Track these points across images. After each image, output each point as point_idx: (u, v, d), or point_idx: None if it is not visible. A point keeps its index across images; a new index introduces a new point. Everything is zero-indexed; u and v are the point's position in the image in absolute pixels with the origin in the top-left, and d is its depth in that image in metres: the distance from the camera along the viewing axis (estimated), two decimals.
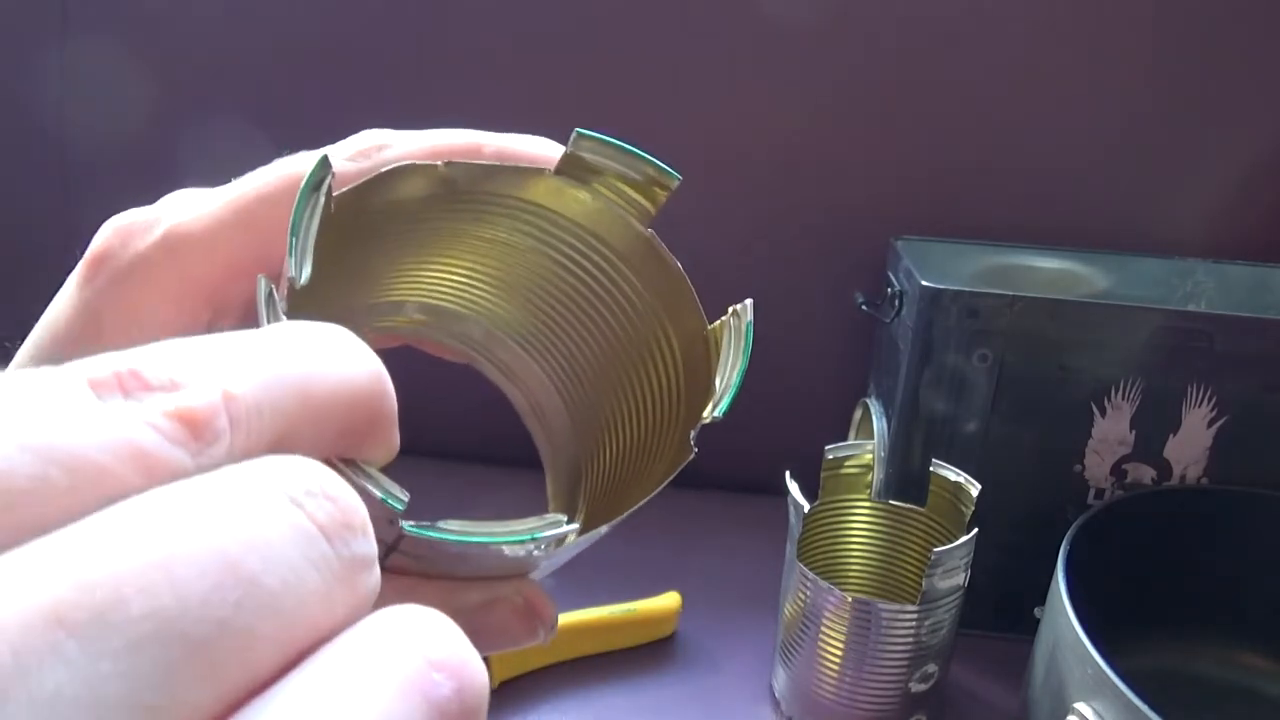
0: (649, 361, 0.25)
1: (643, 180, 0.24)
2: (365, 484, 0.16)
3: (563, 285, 0.26)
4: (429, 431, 0.81)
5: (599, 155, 0.24)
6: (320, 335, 0.15)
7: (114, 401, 0.12)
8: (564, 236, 0.25)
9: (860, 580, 0.62)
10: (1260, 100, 0.70)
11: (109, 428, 0.12)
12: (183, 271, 0.23)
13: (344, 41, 0.75)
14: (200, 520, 0.11)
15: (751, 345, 0.23)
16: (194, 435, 0.12)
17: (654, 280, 0.25)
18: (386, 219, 0.23)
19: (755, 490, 0.76)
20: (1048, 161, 0.72)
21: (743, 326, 0.23)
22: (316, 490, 0.12)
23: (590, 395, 0.26)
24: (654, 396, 0.25)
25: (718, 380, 0.23)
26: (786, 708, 0.58)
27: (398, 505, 0.17)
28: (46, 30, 0.76)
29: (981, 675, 0.61)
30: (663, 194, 0.24)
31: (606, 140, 0.24)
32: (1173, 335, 0.58)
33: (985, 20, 0.70)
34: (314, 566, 0.12)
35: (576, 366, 0.27)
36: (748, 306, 0.24)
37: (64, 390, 0.12)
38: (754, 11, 0.70)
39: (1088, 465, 0.61)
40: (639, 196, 0.24)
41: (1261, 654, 0.60)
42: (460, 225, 0.25)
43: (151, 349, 0.13)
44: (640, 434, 0.25)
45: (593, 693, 0.59)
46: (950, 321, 0.58)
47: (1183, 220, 0.72)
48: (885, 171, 0.73)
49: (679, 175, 0.24)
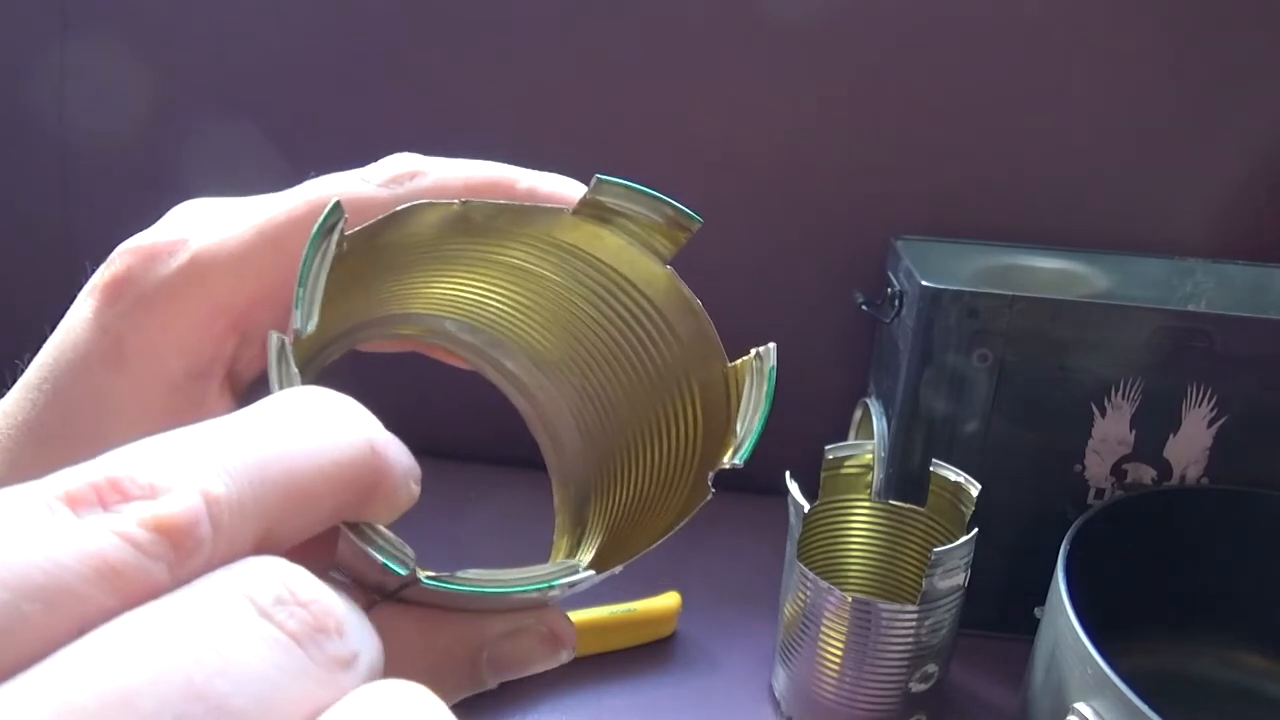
0: (668, 399, 0.25)
1: (664, 222, 0.24)
2: (367, 549, 0.16)
3: (583, 314, 0.26)
4: (430, 431, 0.81)
5: (620, 199, 0.24)
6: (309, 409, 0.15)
7: (91, 518, 0.12)
8: (586, 270, 0.25)
9: (860, 580, 0.62)
10: (1260, 100, 0.70)
11: (85, 551, 0.12)
12: (210, 297, 0.22)
13: (346, 42, 0.75)
14: (163, 649, 0.11)
15: (775, 389, 0.23)
16: (173, 546, 0.12)
17: (676, 319, 0.25)
18: (402, 250, 0.23)
19: (755, 490, 0.76)
20: (1048, 162, 0.72)
21: (765, 369, 0.23)
22: (286, 597, 0.12)
23: (606, 424, 0.26)
24: (672, 434, 0.25)
25: (739, 425, 0.23)
26: (786, 708, 0.58)
27: (401, 571, 0.17)
28: (46, 30, 0.76)
29: (981, 675, 0.61)
30: (684, 235, 0.24)
31: (628, 185, 0.23)
32: (1173, 335, 0.58)
33: (986, 21, 0.70)
34: (289, 676, 0.12)
35: (593, 393, 0.26)
36: (771, 351, 0.23)
37: (37, 514, 0.12)
38: (755, 11, 0.70)
39: (1088, 465, 0.61)
40: (660, 238, 0.24)
41: (1261, 654, 0.60)
42: (478, 251, 0.24)
43: (130, 451, 0.13)
44: (656, 470, 0.25)
45: (593, 693, 0.59)
46: (950, 321, 0.58)
47: (1183, 220, 0.72)
48: (885, 171, 0.73)
49: (700, 218, 0.24)
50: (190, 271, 0.22)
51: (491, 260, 0.25)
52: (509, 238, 0.24)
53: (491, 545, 0.54)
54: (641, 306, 0.25)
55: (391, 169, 0.23)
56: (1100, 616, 0.47)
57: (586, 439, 0.27)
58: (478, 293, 0.26)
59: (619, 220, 0.24)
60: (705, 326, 0.24)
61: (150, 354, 0.22)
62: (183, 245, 0.22)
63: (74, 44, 0.76)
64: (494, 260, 0.25)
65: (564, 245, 0.24)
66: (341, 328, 0.23)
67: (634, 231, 0.24)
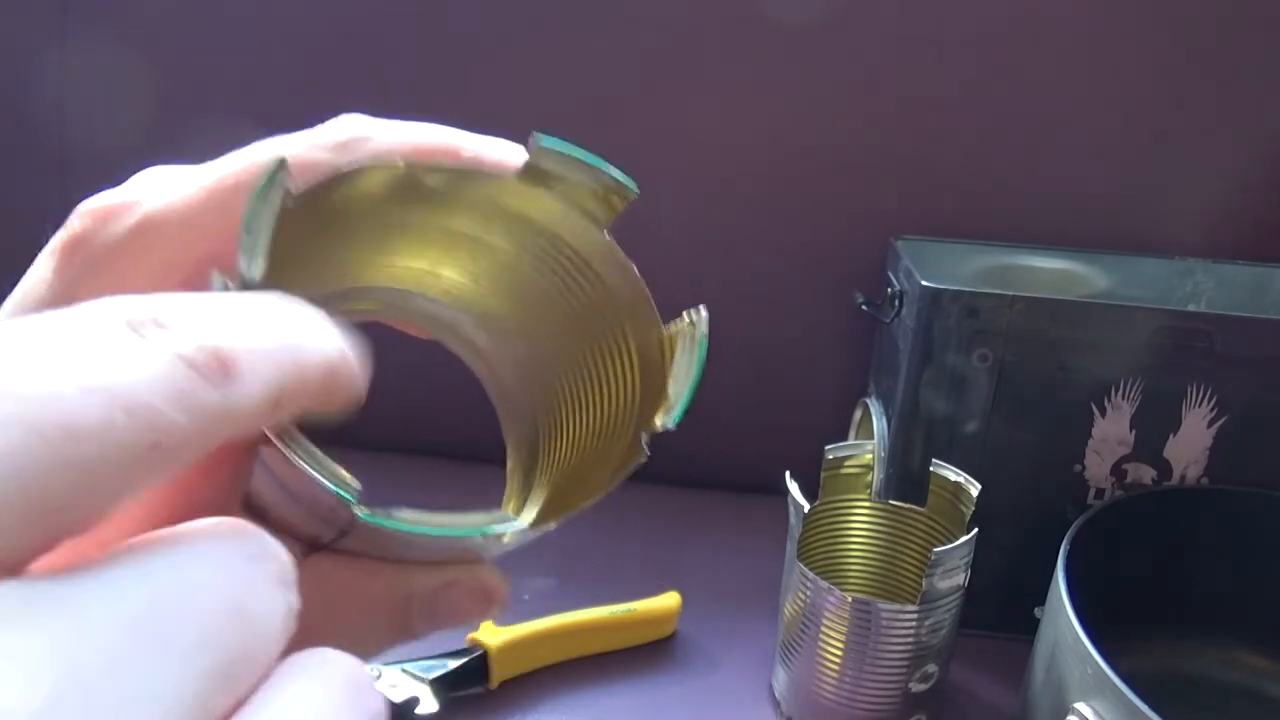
0: (609, 359, 0.26)
1: (601, 189, 0.24)
2: (318, 475, 0.18)
3: (528, 278, 0.26)
4: (432, 432, 0.81)
5: (558, 165, 0.24)
6: (303, 309, 0.17)
7: (153, 336, 0.13)
8: (529, 235, 0.26)
9: (860, 580, 0.62)
10: (1260, 100, 0.70)
11: (155, 366, 0.13)
12: (159, 256, 0.22)
13: (347, 43, 0.75)
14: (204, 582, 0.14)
15: (705, 356, 0.23)
16: (223, 371, 0.14)
17: (614, 282, 0.25)
18: (347, 213, 0.23)
19: (755, 490, 0.76)
20: (1048, 162, 0.72)
21: (696, 336, 0.23)
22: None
23: (550, 385, 0.27)
24: (612, 393, 0.25)
25: (670, 388, 0.23)
26: (786, 708, 0.58)
27: (349, 498, 0.18)
28: (46, 30, 0.76)
29: (981, 675, 0.61)
30: (621, 203, 0.25)
31: (565, 151, 0.24)
32: (1173, 335, 0.58)
33: (986, 21, 0.70)
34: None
35: (539, 354, 0.27)
36: (703, 318, 0.23)
37: (108, 329, 0.13)
38: (755, 11, 0.70)
39: (1088, 465, 0.61)
40: (597, 204, 0.25)
41: (1261, 654, 0.60)
42: (425, 219, 0.25)
43: (173, 297, 0.14)
44: (596, 424, 0.25)
45: (593, 693, 0.59)
46: (950, 321, 0.58)
47: (1183, 220, 0.72)
48: (885, 171, 0.73)
49: (636, 189, 0.24)
50: (141, 230, 0.22)
51: (440, 229, 0.25)
52: (455, 204, 0.25)
53: None
54: (581, 270, 0.26)
55: (339, 132, 0.23)
56: (1100, 616, 0.47)
57: (534, 399, 0.27)
58: (429, 262, 0.26)
59: (558, 185, 0.24)
60: (641, 291, 0.25)
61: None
62: (135, 206, 0.22)
63: (74, 44, 0.76)
64: (443, 229, 0.25)
65: (509, 210, 0.25)
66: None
67: (572, 197, 0.25)
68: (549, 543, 0.28)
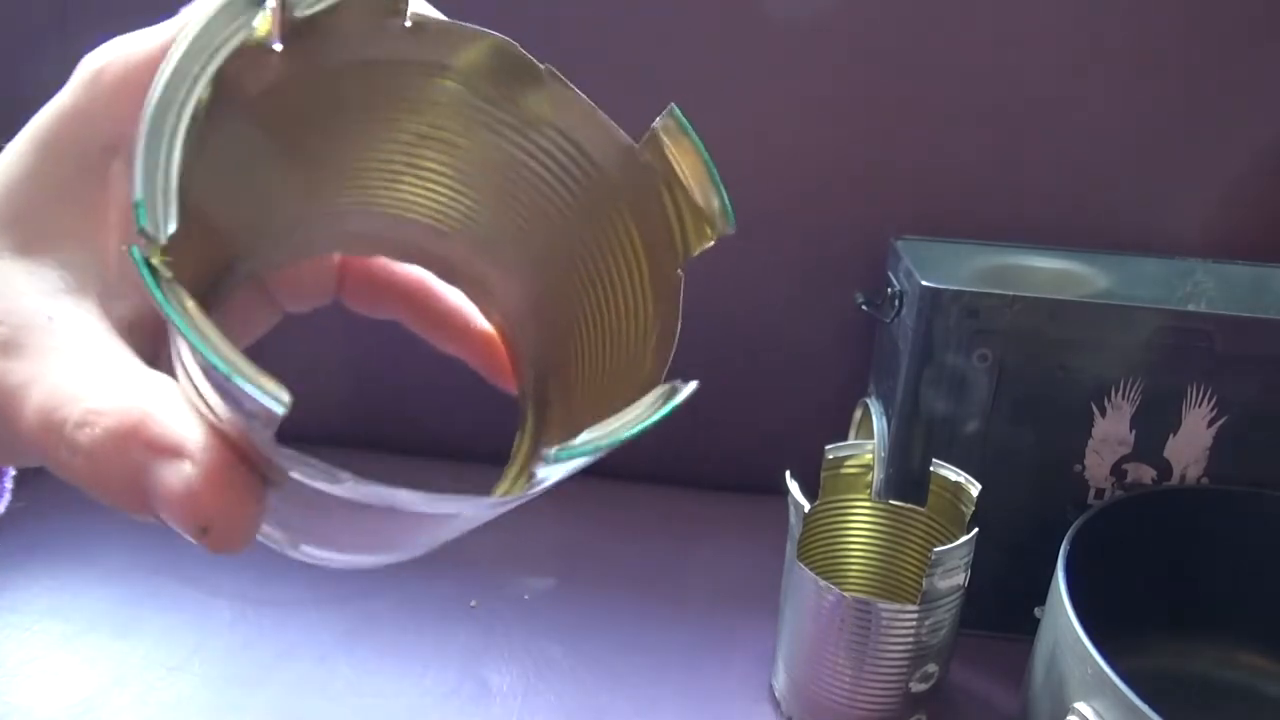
0: (615, 257, 0.24)
1: (703, 210, 0.23)
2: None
3: (522, 181, 0.25)
4: (432, 431, 0.81)
5: (676, 151, 0.22)
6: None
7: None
8: (517, 130, 0.24)
9: (860, 580, 0.62)
10: (1260, 100, 0.70)
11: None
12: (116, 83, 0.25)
13: None
14: None
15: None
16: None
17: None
18: (320, 111, 0.22)
19: (755, 490, 0.76)
20: (1048, 162, 0.72)
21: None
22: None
23: (560, 304, 0.26)
24: (622, 300, 0.24)
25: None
26: (786, 708, 0.58)
27: (277, 409, 0.16)
28: (46, 30, 0.76)
29: (981, 675, 0.61)
30: (709, 238, 0.23)
31: (694, 143, 0.22)
32: (1173, 335, 0.58)
33: (986, 21, 0.70)
34: None
35: (544, 273, 0.26)
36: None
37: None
38: (755, 10, 0.70)
39: (1088, 465, 0.61)
40: (691, 229, 0.23)
41: (1261, 654, 0.60)
42: (413, 119, 0.24)
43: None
44: (613, 348, 0.24)
45: (593, 692, 0.59)
46: (950, 321, 0.58)
47: (1183, 220, 0.72)
48: (885, 171, 0.73)
49: (733, 226, 0.23)
50: (99, 70, 0.25)
51: (429, 133, 0.24)
52: (440, 98, 0.23)
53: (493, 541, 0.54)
54: (577, 162, 0.24)
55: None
56: (1100, 616, 0.47)
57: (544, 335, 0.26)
58: (419, 175, 0.25)
59: (663, 173, 0.23)
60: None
61: (68, 137, 0.24)
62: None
63: (74, 44, 0.76)
64: (431, 132, 0.24)
65: (493, 102, 0.24)
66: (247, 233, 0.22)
67: (671, 197, 0.23)
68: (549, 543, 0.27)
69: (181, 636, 0.61)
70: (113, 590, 0.65)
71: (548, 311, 0.26)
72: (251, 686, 0.57)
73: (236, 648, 0.60)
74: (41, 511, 0.63)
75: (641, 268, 0.24)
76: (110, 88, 0.24)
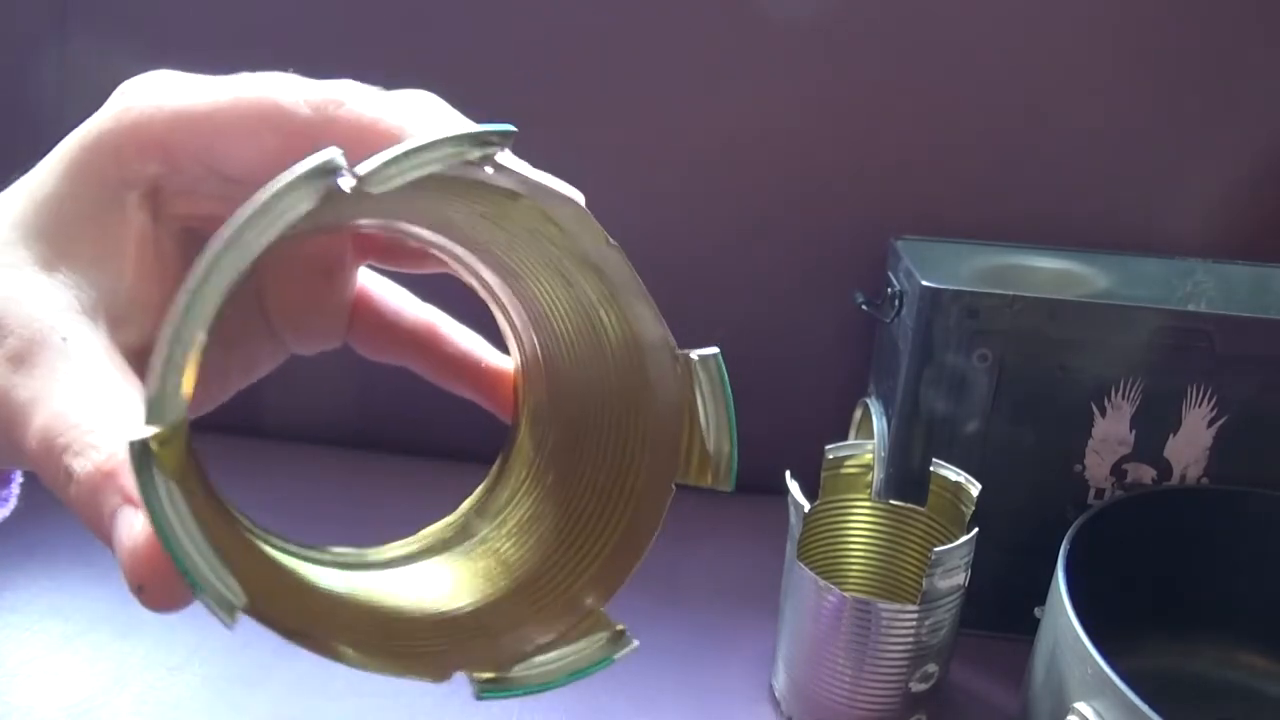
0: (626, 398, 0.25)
1: (710, 457, 0.25)
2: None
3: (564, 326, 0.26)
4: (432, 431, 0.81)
5: (707, 392, 0.24)
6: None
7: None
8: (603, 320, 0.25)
9: (860, 580, 0.62)
10: (1260, 100, 0.70)
11: None
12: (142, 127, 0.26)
13: (348, 43, 0.75)
14: None
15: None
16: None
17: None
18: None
19: (755, 490, 0.76)
20: (1048, 162, 0.72)
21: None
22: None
23: (569, 409, 0.26)
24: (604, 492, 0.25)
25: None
26: (786, 708, 0.58)
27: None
28: (46, 30, 0.76)
29: (981, 675, 0.61)
30: (705, 482, 0.25)
31: (728, 397, 0.24)
32: (1173, 335, 0.58)
33: (986, 20, 0.70)
34: None
35: (562, 383, 0.27)
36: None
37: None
38: (755, 9, 0.70)
39: (1088, 465, 0.61)
40: (694, 465, 0.25)
41: (1261, 654, 0.60)
42: (501, 223, 0.24)
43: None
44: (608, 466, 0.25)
45: (593, 692, 0.59)
46: (950, 321, 0.58)
47: (1183, 220, 0.72)
48: (885, 171, 0.73)
49: (731, 487, 0.25)
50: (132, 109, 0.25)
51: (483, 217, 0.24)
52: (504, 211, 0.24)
53: None
54: (606, 305, 0.25)
55: (326, 89, 0.25)
56: (1100, 616, 0.47)
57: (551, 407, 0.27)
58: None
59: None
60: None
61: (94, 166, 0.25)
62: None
63: (74, 44, 0.76)
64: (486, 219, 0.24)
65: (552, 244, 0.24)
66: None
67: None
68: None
69: (181, 636, 0.61)
70: (113, 590, 0.65)
71: (558, 409, 0.27)
72: (251, 686, 0.57)
73: (236, 648, 0.60)
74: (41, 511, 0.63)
75: (639, 463, 0.25)
76: (139, 129, 0.24)
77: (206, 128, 0.24)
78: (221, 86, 0.24)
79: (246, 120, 0.24)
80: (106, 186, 0.24)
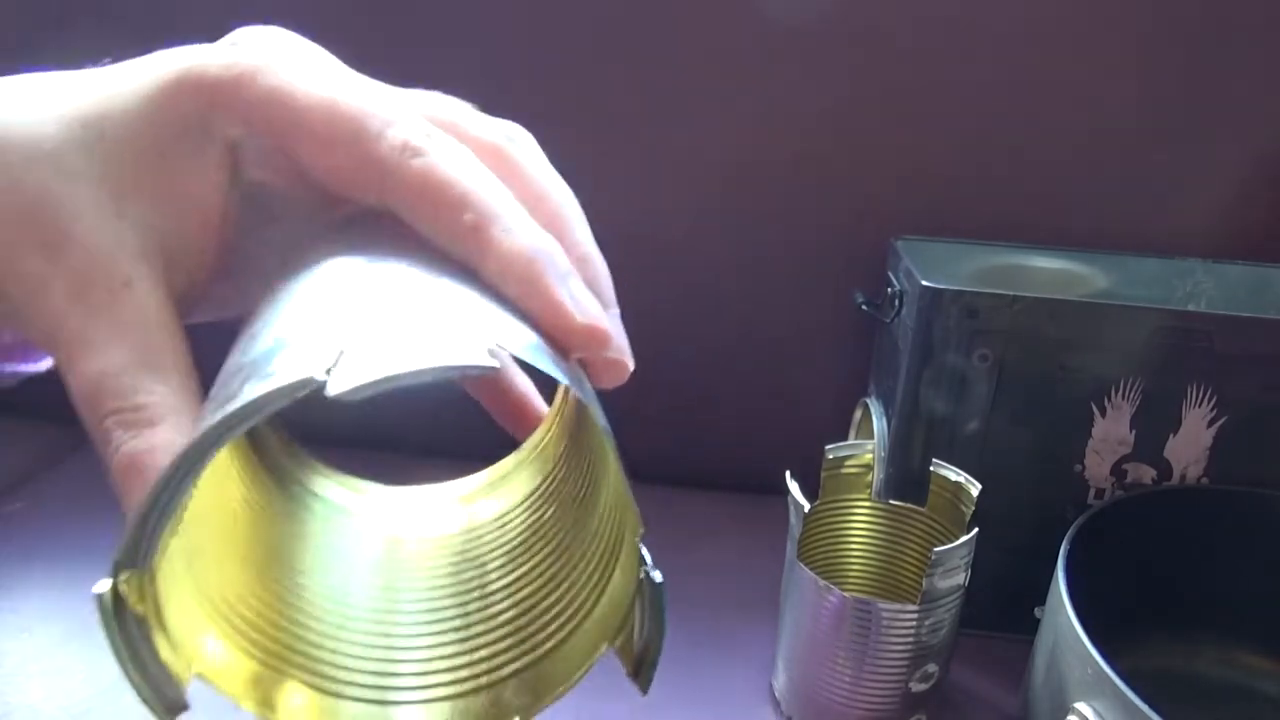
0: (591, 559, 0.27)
1: (631, 662, 0.26)
2: None
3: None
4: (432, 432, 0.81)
5: (647, 610, 0.25)
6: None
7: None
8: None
9: (860, 580, 0.62)
10: (1260, 101, 0.70)
11: None
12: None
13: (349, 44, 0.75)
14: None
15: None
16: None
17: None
18: None
19: (755, 490, 0.76)
20: (1048, 162, 0.72)
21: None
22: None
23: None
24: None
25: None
26: (786, 708, 0.58)
27: None
28: (46, 30, 0.76)
29: (981, 675, 0.61)
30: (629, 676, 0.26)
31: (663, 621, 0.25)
32: (1173, 335, 0.58)
33: (986, 20, 0.70)
34: None
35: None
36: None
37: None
38: (755, 12, 0.70)
39: (1088, 465, 0.61)
40: (626, 659, 0.27)
41: (1261, 654, 0.60)
42: None
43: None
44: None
45: (592, 693, 0.59)
46: (950, 321, 0.58)
47: (1183, 220, 0.72)
48: (885, 171, 0.73)
49: (643, 694, 0.26)
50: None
51: None
52: None
53: None
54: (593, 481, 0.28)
55: (416, 131, 0.25)
56: (1100, 616, 0.47)
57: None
58: None
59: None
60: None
61: (187, 107, 0.25)
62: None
63: (74, 44, 0.76)
64: None
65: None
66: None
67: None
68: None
69: None
70: None
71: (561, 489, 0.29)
72: None
73: None
74: (41, 511, 0.64)
75: (592, 602, 0.27)
76: (240, 89, 0.25)
77: (295, 120, 0.24)
78: (328, 81, 0.25)
79: (331, 130, 0.24)
80: (190, 131, 0.24)
